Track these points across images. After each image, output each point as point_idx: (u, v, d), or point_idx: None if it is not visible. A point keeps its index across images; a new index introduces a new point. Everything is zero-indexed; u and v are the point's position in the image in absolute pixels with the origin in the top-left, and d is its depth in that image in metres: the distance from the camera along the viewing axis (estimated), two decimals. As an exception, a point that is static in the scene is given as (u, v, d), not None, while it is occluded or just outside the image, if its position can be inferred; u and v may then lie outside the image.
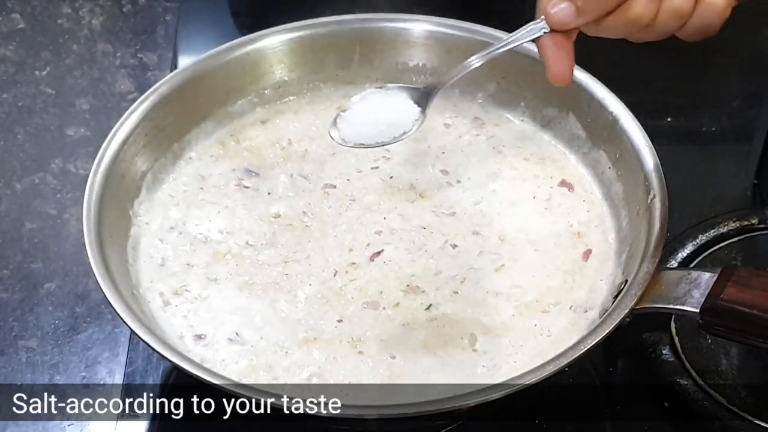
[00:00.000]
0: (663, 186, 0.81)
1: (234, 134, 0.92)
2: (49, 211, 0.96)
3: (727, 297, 0.73)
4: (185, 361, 0.72)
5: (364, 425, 0.75)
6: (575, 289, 0.81)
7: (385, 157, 0.90)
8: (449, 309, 0.80)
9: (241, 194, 0.87)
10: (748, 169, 1.01)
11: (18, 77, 1.09)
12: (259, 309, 0.80)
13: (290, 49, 0.94)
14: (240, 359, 0.77)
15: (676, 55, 1.11)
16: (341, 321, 0.79)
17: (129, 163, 0.85)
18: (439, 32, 0.94)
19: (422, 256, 0.83)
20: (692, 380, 0.82)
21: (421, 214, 0.86)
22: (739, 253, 0.90)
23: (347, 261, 0.83)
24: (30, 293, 0.90)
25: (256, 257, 0.83)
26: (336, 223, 0.85)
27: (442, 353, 0.77)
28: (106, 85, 1.08)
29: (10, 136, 1.03)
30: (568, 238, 0.85)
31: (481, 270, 0.82)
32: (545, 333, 0.79)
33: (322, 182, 0.88)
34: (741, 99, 1.08)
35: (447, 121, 0.93)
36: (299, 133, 0.92)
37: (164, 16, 1.15)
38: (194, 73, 0.90)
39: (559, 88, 0.89)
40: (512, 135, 0.92)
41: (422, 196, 0.87)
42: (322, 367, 0.76)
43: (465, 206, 0.87)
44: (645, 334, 0.84)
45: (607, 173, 0.87)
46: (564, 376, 0.79)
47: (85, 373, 0.85)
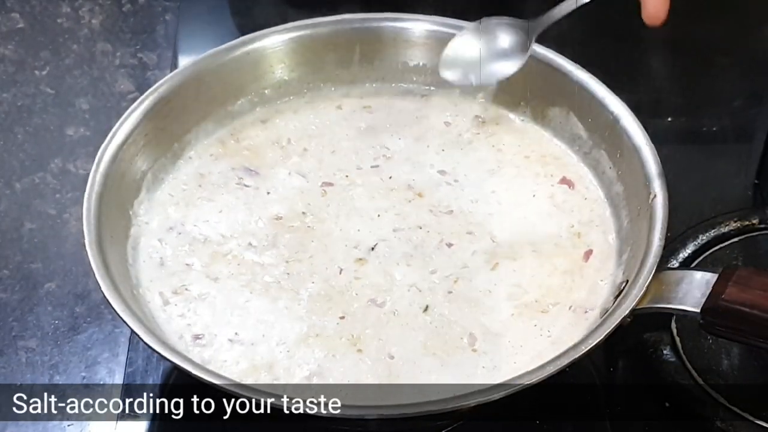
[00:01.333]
0: (664, 186, 0.81)
1: (234, 133, 0.92)
2: (49, 211, 0.96)
3: (728, 297, 0.73)
4: (185, 361, 0.72)
5: (364, 425, 0.75)
6: (575, 289, 0.81)
7: (385, 156, 0.90)
8: (446, 309, 0.80)
9: (242, 192, 0.87)
10: (748, 169, 1.01)
11: (18, 77, 1.09)
12: (259, 308, 0.80)
13: (290, 49, 0.94)
14: (240, 359, 0.77)
15: (677, 54, 1.11)
16: (343, 318, 0.79)
17: (129, 163, 0.85)
18: (439, 32, 0.93)
19: (419, 256, 0.83)
20: (693, 380, 0.82)
21: (418, 213, 0.86)
22: (740, 253, 0.90)
23: (347, 260, 0.82)
24: (30, 293, 0.90)
25: (257, 256, 0.83)
26: (334, 221, 0.85)
27: (441, 354, 0.77)
28: (105, 85, 1.08)
29: (10, 136, 1.03)
30: (568, 238, 0.85)
31: (479, 270, 0.82)
32: (545, 333, 0.79)
33: (320, 180, 0.88)
34: (741, 99, 1.08)
35: (447, 120, 0.93)
36: (299, 132, 0.92)
37: (164, 15, 1.15)
38: (194, 73, 0.90)
39: (558, 88, 0.90)
40: (512, 134, 0.92)
41: (421, 195, 0.87)
42: (321, 366, 0.76)
43: (463, 205, 0.86)
44: (646, 334, 0.84)
45: (607, 173, 0.87)
46: (564, 376, 0.79)
47: (85, 373, 0.85)
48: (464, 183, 0.88)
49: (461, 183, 0.88)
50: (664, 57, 1.10)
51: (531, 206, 0.87)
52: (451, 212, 0.86)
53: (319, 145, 0.91)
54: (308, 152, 0.91)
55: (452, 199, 0.87)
